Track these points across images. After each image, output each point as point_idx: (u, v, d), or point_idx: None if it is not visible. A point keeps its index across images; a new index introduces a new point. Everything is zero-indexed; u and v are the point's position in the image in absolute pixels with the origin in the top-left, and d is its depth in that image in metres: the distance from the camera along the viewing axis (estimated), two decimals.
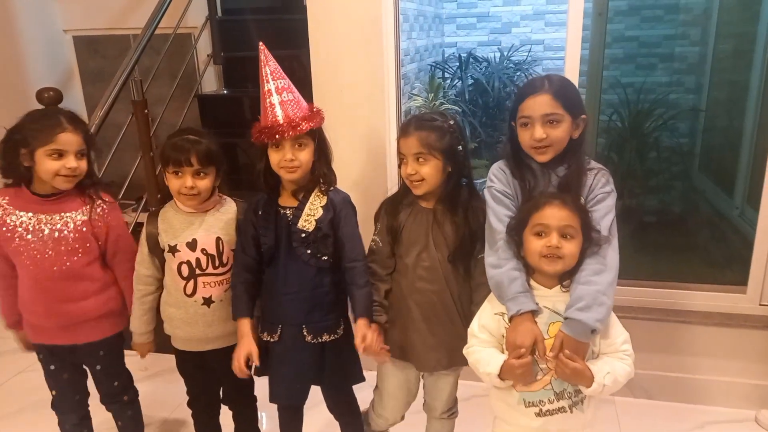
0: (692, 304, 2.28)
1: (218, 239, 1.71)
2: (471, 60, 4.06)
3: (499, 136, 4.06)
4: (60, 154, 1.59)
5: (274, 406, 1.79)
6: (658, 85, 4.01)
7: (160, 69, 3.49)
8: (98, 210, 1.71)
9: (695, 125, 3.99)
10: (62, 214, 1.66)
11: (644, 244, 3.18)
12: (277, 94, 1.56)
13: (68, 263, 1.67)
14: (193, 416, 1.94)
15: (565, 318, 1.35)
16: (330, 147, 1.68)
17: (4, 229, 1.64)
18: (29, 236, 1.64)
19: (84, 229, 1.68)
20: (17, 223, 1.64)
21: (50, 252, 1.65)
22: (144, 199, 2.99)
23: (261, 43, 1.60)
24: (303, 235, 1.61)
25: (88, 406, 1.93)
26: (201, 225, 1.70)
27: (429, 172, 1.58)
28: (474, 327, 1.49)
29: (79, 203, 1.69)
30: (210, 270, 1.71)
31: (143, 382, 2.49)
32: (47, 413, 1.89)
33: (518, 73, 4.01)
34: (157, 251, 1.72)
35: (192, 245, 1.69)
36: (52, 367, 1.82)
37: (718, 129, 3.81)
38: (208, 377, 1.85)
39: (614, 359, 1.38)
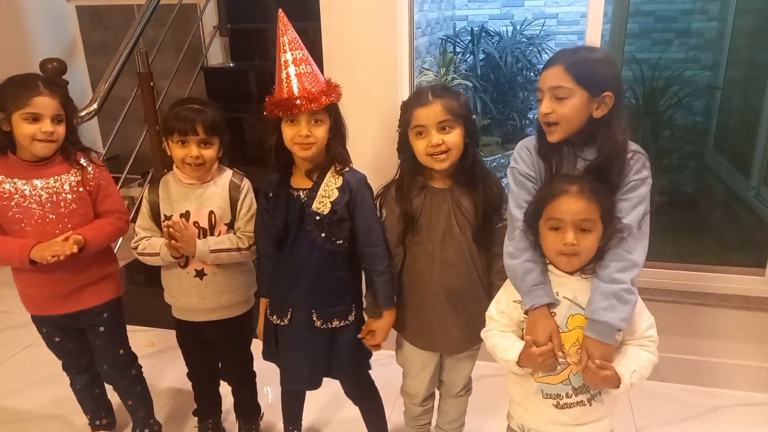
0: (709, 286, 2.24)
1: (211, 213, 1.68)
2: (483, 34, 3.98)
3: (510, 113, 4.01)
4: (35, 118, 1.56)
5: (278, 379, 1.75)
6: (673, 61, 3.92)
7: (165, 41, 3.42)
8: (89, 170, 1.69)
9: (711, 103, 3.91)
10: (56, 177, 1.65)
11: (656, 224, 3.12)
12: (295, 66, 1.49)
13: (70, 225, 1.66)
14: (193, 387, 1.95)
15: (589, 319, 1.29)
16: (345, 125, 1.61)
17: (1, 198, 1.62)
18: (27, 203, 1.62)
19: (80, 189, 1.67)
20: (12, 190, 1.62)
21: (51, 216, 1.63)
22: (150, 174, 2.95)
23: (280, 10, 1.51)
24: (317, 218, 1.55)
25: (96, 368, 1.93)
26: (196, 198, 1.68)
27: (455, 140, 1.49)
28: (492, 311, 1.44)
29: (68, 166, 1.67)
30: None
31: (152, 357, 2.52)
32: (55, 387, 1.88)
33: (531, 48, 3.94)
34: (158, 220, 1.70)
35: (185, 217, 1.67)
36: (57, 339, 1.82)
37: (735, 107, 3.72)
38: (205, 350, 1.86)
39: (638, 349, 1.32)
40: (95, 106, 2.63)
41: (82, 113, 2.58)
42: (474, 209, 1.55)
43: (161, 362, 2.48)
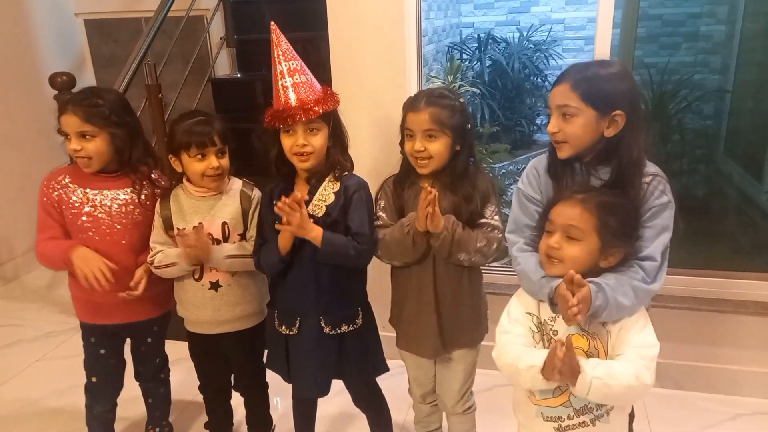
0: (725, 292, 2.21)
1: (224, 224, 1.68)
2: (489, 40, 3.98)
3: (518, 119, 4.00)
4: (67, 136, 1.62)
5: (289, 391, 1.77)
6: (682, 65, 3.90)
7: (172, 53, 3.43)
8: (156, 185, 1.73)
9: (721, 107, 3.88)
10: (124, 189, 1.69)
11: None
12: (290, 76, 1.51)
13: (135, 235, 1.70)
14: (205, 401, 1.95)
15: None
16: (346, 132, 1.62)
17: (70, 206, 1.66)
18: (97, 212, 1.67)
19: (148, 202, 1.71)
20: (83, 199, 1.67)
21: (118, 226, 1.67)
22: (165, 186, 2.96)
23: (273, 23, 1.54)
24: (312, 220, 1.55)
25: (117, 397, 1.94)
26: (208, 210, 1.68)
27: (438, 149, 1.53)
28: (504, 323, 1.37)
29: (135, 180, 1.70)
30: None
31: None
32: (66, 401, 1.88)
33: (538, 54, 3.93)
34: (172, 233, 1.70)
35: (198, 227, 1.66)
36: (102, 351, 1.82)
37: (746, 111, 3.70)
38: (218, 362, 1.85)
39: (618, 361, 1.22)
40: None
41: None
42: (454, 213, 1.56)
43: (172, 374, 2.45)
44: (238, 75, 3.73)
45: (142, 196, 1.70)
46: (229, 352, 1.82)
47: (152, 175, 1.74)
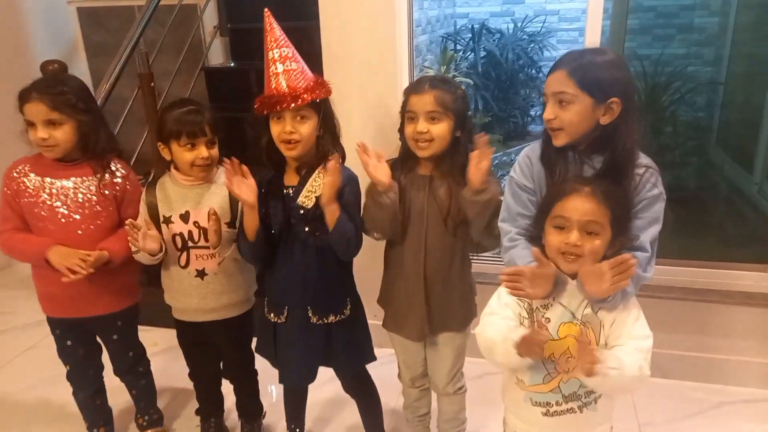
0: (712, 282, 2.23)
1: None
2: (484, 31, 3.97)
3: (512, 110, 4.00)
4: (31, 124, 1.59)
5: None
6: (675, 57, 3.91)
7: (165, 42, 3.41)
8: (117, 174, 1.71)
9: (713, 99, 3.89)
10: (83, 177, 1.67)
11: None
12: (281, 63, 1.50)
13: (92, 226, 1.68)
14: (195, 387, 1.97)
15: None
16: (337, 121, 1.62)
17: (27, 195, 1.65)
18: (53, 201, 1.65)
19: (106, 192, 1.68)
20: (40, 188, 1.65)
21: (75, 216, 1.65)
22: (152, 174, 2.96)
23: (266, 9, 1.54)
24: (301, 211, 1.56)
25: (102, 378, 1.95)
26: (194, 198, 1.68)
27: (440, 132, 1.54)
28: (493, 305, 1.37)
29: (95, 169, 1.68)
30: (202, 243, 1.69)
31: (155, 357, 2.49)
32: (58, 388, 1.89)
33: (532, 45, 3.93)
34: (156, 222, 1.70)
35: (185, 217, 1.67)
36: (69, 343, 1.82)
37: (738, 103, 3.71)
38: (206, 350, 1.87)
39: (622, 352, 1.24)
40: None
41: None
42: (449, 200, 1.57)
43: (164, 362, 2.48)
44: (232, 64, 3.72)
45: (101, 186, 1.67)
46: (217, 341, 1.83)
47: (112, 165, 1.71)
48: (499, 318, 1.34)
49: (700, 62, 3.93)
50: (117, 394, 2.03)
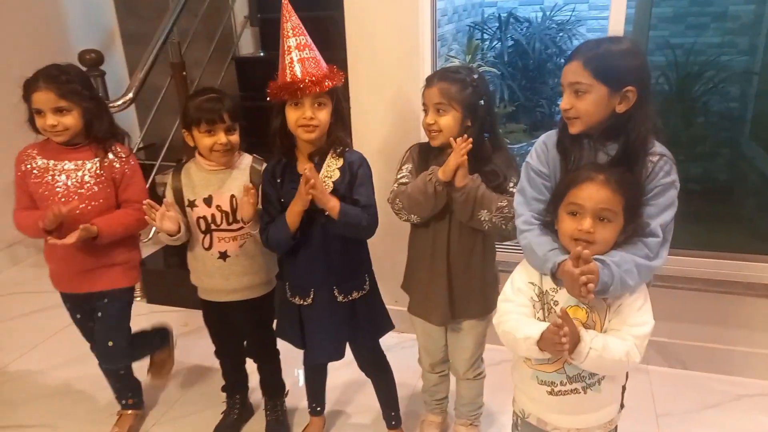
0: (735, 274, 2.21)
1: (232, 197, 1.75)
2: (511, 20, 3.95)
3: (539, 99, 3.98)
4: (39, 112, 1.68)
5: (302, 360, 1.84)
6: (708, 46, 3.82)
7: (197, 31, 3.50)
8: (115, 158, 1.78)
9: (747, 89, 3.80)
10: (83, 161, 1.76)
11: (687, 212, 3.07)
12: (298, 51, 1.54)
13: (90, 207, 1.76)
14: (221, 364, 2.05)
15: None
16: (348, 110, 1.66)
17: (33, 177, 1.75)
18: (54, 181, 1.74)
19: (103, 175, 1.76)
20: (44, 170, 1.75)
21: (74, 196, 1.74)
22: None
23: (286, 0, 1.57)
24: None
25: None
26: (218, 183, 1.75)
27: (446, 123, 1.59)
28: (507, 291, 1.42)
29: (94, 152, 1.77)
30: (224, 226, 1.76)
31: (185, 337, 2.65)
32: (94, 363, 1.99)
33: (561, 34, 3.89)
34: (182, 206, 1.78)
35: (208, 201, 1.75)
36: (78, 316, 1.93)
37: None
38: (230, 329, 1.94)
39: (614, 337, 1.28)
40: (130, 95, 2.74)
41: (118, 102, 2.69)
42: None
43: (193, 341, 2.59)
44: (261, 54, 3.79)
45: (101, 168, 1.75)
46: (240, 320, 1.91)
47: (114, 149, 1.79)
48: (514, 306, 1.38)
49: (735, 51, 3.83)
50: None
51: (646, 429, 2.04)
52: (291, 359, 1.98)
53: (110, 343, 1.89)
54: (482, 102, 1.61)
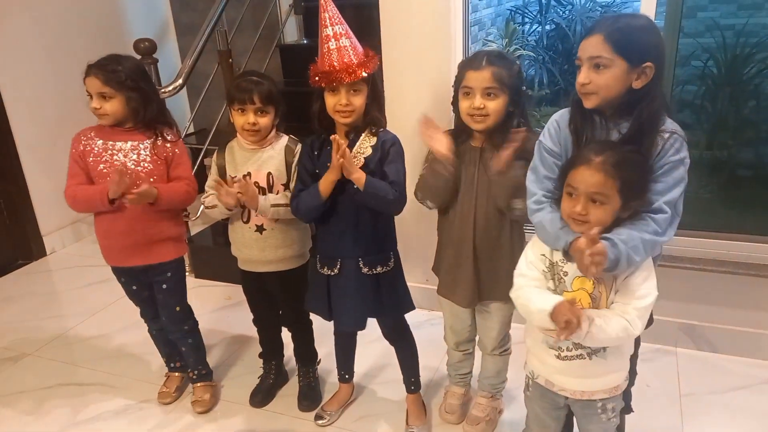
0: (766, 258, 2.19)
1: (269, 174, 1.87)
2: (553, 3, 3.92)
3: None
4: (89, 95, 1.83)
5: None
6: (762, 27, 3.67)
7: (244, 20, 3.64)
8: (165, 140, 1.92)
9: None
10: (138, 141, 1.90)
11: (735, 198, 3.00)
12: (335, 40, 1.64)
13: (141, 184, 1.87)
14: (258, 332, 2.19)
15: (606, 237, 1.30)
16: (383, 91, 1.75)
17: (92, 155, 1.89)
18: (113, 159, 1.88)
19: (154, 156, 1.90)
20: (102, 150, 1.89)
21: (131, 173, 1.87)
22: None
23: None
24: None
25: None
26: (256, 161, 1.88)
27: (496, 107, 1.60)
28: (522, 266, 1.48)
29: (147, 135, 1.90)
30: None
31: (228, 309, 2.83)
32: (145, 331, 2.18)
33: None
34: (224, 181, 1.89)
35: (247, 177, 1.86)
36: (134, 288, 2.08)
37: None
38: (266, 298, 2.08)
39: (614, 312, 1.33)
40: (180, 81, 2.91)
41: (169, 88, 2.86)
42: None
43: (235, 313, 2.77)
44: (305, 41, 3.90)
45: (153, 149, 1.88)
46: (275, 290, 2.04)
47: (164, 133, 1.91)
48: (529, 280, 1.44)
49: None
50: None
51: (668, 408, 2.07)
52: (325, 331, 2.09)
53: (177, 308, 2.08)
54: (524, 88, 1.64)
